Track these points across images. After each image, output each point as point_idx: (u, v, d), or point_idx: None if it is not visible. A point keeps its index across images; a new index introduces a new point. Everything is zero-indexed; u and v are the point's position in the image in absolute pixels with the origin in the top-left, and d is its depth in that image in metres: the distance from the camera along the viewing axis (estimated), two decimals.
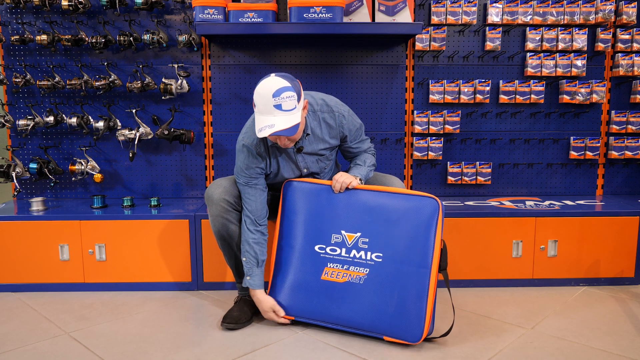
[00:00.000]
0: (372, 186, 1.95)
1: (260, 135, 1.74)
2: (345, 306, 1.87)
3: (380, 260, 1.85)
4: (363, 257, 1.87)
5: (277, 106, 1.73)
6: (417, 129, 2.80)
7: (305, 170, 2.06)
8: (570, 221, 2.44)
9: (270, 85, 1.74)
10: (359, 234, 1.89)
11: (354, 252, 1.89)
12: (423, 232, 1.81)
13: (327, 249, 1.92)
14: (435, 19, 2.73)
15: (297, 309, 1.96)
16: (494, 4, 2.72)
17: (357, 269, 1.87)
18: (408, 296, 1.80)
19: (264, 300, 1.98)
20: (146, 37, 2.59)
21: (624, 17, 2.73)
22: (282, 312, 1.97)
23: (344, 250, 1.90)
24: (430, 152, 2.81)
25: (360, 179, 1.99)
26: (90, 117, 2.69)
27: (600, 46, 2.77)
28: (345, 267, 1.89)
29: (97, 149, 2.80)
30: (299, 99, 1.78)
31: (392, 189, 1.91)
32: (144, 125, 2.68)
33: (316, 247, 1.93)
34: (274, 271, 2.01)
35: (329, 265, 1.91)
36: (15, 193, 2.67)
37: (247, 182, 1.97)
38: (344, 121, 2.00)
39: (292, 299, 1.96)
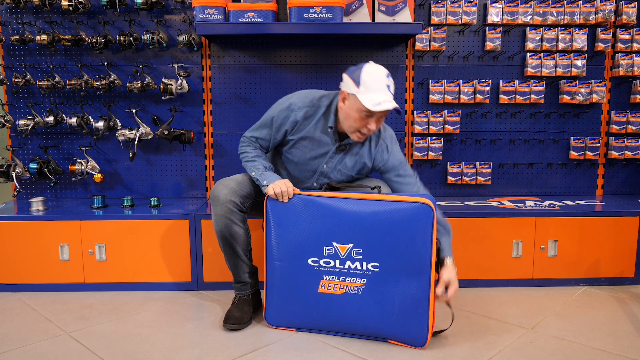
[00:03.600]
0: (361, 194, 1.85)
1: (380, 108, 1.77)
2: (346, 317, 1.85)
3: (377, 270, 1.80)
4: (358, 267, 1.82)
5: (388, 87, 1.84)
6: (417, 129, 2.80)
7: (325, 167, 2.02)
8: (570, 221, 2.44)
9: (381, 68, 1.85)
10: (351, 245, 1.82)
11: (348, 263, 1.83)
12: (419, 238, 1.75)
13: (321, 262, 1.85)
14: (435, 19, 2.73)
15: (298, 322, 1.94)
16: (494, 4, 2.72)
17: (353, 280, 1.82)
18: (409, 304, 1.78)
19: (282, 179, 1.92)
20: (146, 37, 2.59)
21: (624, 17, 2.73)
22: (291, 189, 1.89)
23: (337, 262, 1.84)
24: (430, 152, 2.81)
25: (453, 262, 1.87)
26: (90, 117, 2.69)
27: (600, 46, 2.77)
28: (341, 278, 1.84)
29: (97, 149, 2.80)
30: None
31: (382, 197, 1.81)
32: (144, 125, 2.68)
33: (309, 261, 1.87)
34: (269, 288, 1.94)
35: (324, 278, 1.85)
36: (15, 193, 2.67)
37: (267, 126, 2.02)
38: (385, 152, 2.02)
39: (291, 313, 1.93)
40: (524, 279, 2.47)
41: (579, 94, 2.77)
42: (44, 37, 2.58)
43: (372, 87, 1.81)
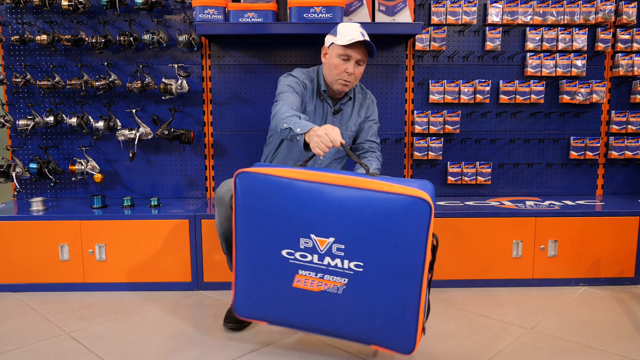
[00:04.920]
0: (349, 177, 1.58)
1: (352, 41, 1.96)
2: (324, 316, 1.64)
3: (361, 270, 1.56)
4: (339, 265, 1.58)
5: (362, 34, 2.01)
6: (417, 129, 2.80)
7: None
8: (570, 221, 2.44)
9: (355, 22, 2.10)
10: (331, 240, 1.57)
11: (327, 259, 1.59)
12: (412, 238, 1.51)
13: (297, 255, 1.61)
14: (435, 19, 2.73)
15: (271, 316, 1.72)
16: (494, 4, 2.72)
17: (333, 278, 1.59)
18: (396, 309, 1.56)
19: (323, 126, 1.69)
20: (146, 37, 2.59)
21: (624, 17, 2.73)
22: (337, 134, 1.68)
23: (316, 256, 1.60)
24: (430, 152, 2.81)
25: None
26: (90, 117, 2.69)
27: (600, 46, 2.77)
28: (319, 275, 1.61)
29: (97, 149, 2.80)
30: None
31: (373, 185, 1.55)
32: (144, 125, 2.68)
33: (284, 252, 1.62)
34: (238, 275, 1.71)
35: (300, 273, 1.62)
36: (15, 193, 2.67)
37: (288, 91, 2.03)
38: (372, 105, 2.27)
39: (263, 305, 1.71)
40: (524, 279, 2.46)
41: (579, 94, 2.77)
42: (44, 37, 2.58)
43: (346, 32, 2.01)
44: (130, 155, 2.60)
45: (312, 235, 1.59)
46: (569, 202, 2.67)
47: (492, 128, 2.85)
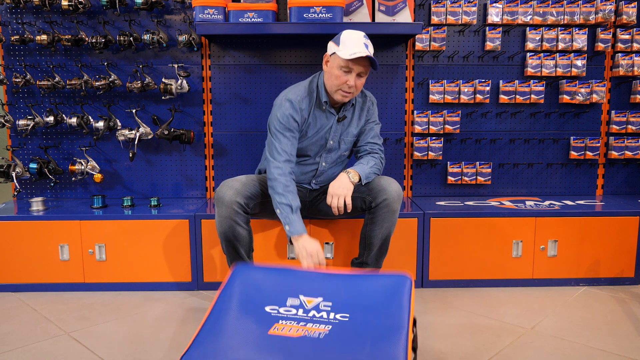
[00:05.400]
0: (340, 268, 1.83)
1: (354, 56, 1.92)
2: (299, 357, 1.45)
3: (347, 319, 1.56)
4: (325, 317, 1.58)
5: (366, 45, 1.98)
6: (417, 129, 2.80)
7: (331, 142, 2.17)
8: (570, 221, 2.44)
9: (359, 31, 2.03)
10: (320, 299, 1.63)
11: (313, 312, 1.60)
12: (396, 300, 1.59)
13: (281, 309, 1.60)
14: (435, 19, 2.73)
15: None
16: (494, 4, 2.72)
17: (316, 326, 1.54)
18: (383, 350, 1.45)
19: (309, 242, 1.91)
20: (146, 37, 2.59)
21: (624, 17, 2.73)
22: (322, 256, 1.91)
23: (301, 310, 1.60)
24: (430, 152, 2.81)
25: (359, 177, 2.05)
26: (90, 117, 2.69)
27: (600, 46, 2.77)
28: (301, 324, 1.55)
29: (97, 149, 2.80)
30: None
31: (361, 271, 1.77)
32: (144, 125, 2.68)
33: (267, 308, 1.60)
34: (199, 333, 1.51)
35: (280, 322, 1.55)
36: (15, 193, 2.67)
37: (281, 130, 2.04)
38: (372, 107, 2.25)
39: (225, 349, 1.45)
40: (524, 279, 2.47)
41: (579, 94, 2.77)
42: (44, 37, 2.58)
43: (349, 44, 1.96)
44: (130, 155, 2.60)
45: (301, 296, 1.66)
46: (569, 202, 2.67)
47: (492, 128, 2.85)
